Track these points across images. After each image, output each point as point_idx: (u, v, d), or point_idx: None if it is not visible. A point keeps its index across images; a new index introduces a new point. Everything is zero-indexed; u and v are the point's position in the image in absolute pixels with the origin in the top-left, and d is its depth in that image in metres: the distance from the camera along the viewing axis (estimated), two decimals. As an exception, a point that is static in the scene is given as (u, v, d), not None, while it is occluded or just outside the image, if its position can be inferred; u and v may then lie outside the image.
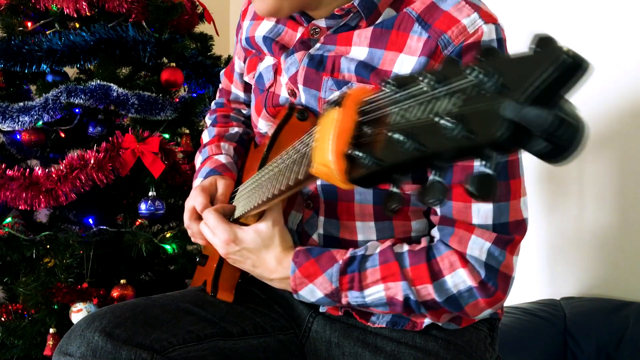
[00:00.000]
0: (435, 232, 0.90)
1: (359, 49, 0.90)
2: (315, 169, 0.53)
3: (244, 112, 1.29)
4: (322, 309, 1.01)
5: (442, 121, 0.37)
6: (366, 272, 0.88)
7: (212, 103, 1.34)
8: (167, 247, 1.75)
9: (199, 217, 0.99)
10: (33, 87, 1.87)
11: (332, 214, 0.96)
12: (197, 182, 1.08)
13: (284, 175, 0.73)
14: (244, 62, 1.16)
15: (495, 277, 0.85)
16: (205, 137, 1.23)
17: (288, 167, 0.73)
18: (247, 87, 1.24)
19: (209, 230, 0.93)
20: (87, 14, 1.75)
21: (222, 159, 1.13)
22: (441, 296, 0.85)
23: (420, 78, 0.42)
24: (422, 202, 0.42)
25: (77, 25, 1.82)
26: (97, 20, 1.79)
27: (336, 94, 0.91)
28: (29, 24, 1.82)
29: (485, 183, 0.37)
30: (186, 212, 1.02)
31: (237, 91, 1.26)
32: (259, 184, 0.88)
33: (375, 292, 0.88)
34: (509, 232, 0.86)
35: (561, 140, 0.34)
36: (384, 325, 0.97)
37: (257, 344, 0.97)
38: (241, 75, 1.21)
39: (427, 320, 0.95)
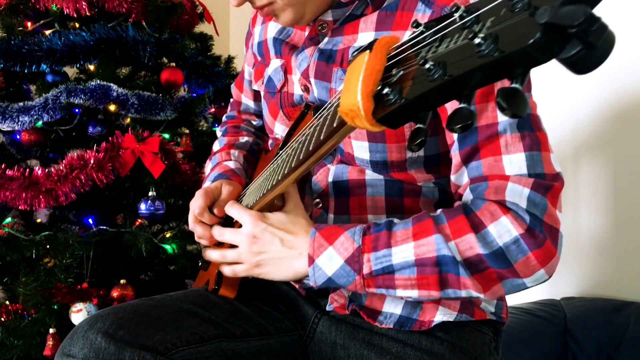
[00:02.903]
0: (467, 195, 0.84)
1: (366, 35, 0.92)
2: (342, 108, 0.53)
3: (254, 123, 1.32)
4: (328, 307, 1.01)
5: (475, 39, 0.39)
6: (396, 232, 0.82)
7: (224, 116, 1.36)
8: (167, 247, 1.75)
9: (201, 221, 1.01)
10: (33, 87, 1.87)
11: (342, 211, 0.96)
12: (205, 185, 1.09)
13: (300, 147, 0.73)
14: (253, 68, 1.17)
15: (541, 225, 0.76)
16: (216, 146, 1.26)
17: (302, 142, 0.73)
18: (256, 96, 1.26)
19: (227, 231, 0.94)
20: (87, 13, 1.75)
21: (231, 164, 1.15)
22: (485, 248, 0.76)
23: (453, 9, 0.43)
24: (450, 129, 0.42)
25: (77, 25, 1.83)
26: (97, 20, 1.79)
27: None
28: (29, 24, 1.82)
29: (515, 96, 0.38)
30: (190, 214, 1.03)
31: (247, 100, 1.28)
32: (269, 172, 0.88)
33: (403, 251, 0.80)
34: (546, 179, 0.79)
35: (593, 38, 0.35)
36: (391, 326, 0.96)
37: (260, 346, 0.97)
38: (251, 82, 1.23)
39: (436, 319, 0.95)
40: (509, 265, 0.76)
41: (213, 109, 2.10)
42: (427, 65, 0.42)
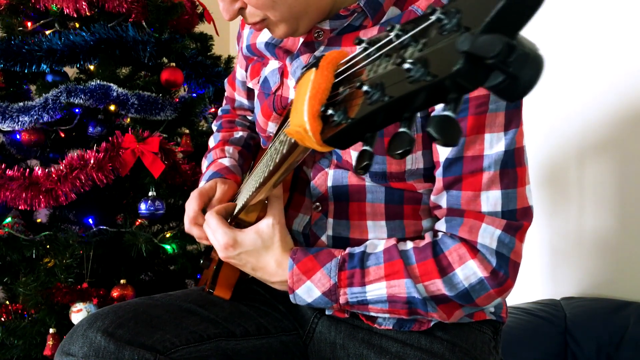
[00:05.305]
0: (440, 225, 0.89)
1: None
2: (290, 129, 0.51)
3: (249, 117, 1.31)
4: (327, 312, 1.01)
5: (405, 65, 0.37)
6: (369, 269, 0.87)
7: (219, 110, 1.36)
8: (167, 247, 1.75)
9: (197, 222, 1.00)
10: (33, 87, 1.87)
11: (342, 215, 0.95)
12: (200, 185, 1.08)
13: (272, 157, 0.73)
14: (246, 70, 1.16)
15: (507, 264, 0.84)
16: (211, 142, 1.25)
17: (276, 149, 0.72)
18: (250, 94, 1.25)
19: (211, 232, 0.93)
20: (87, 13, 1.75)
21: (226, 162, 1.14)
22: (452, 290, 0.84)
23: (388, 29, 0.42)
24: (390, 155, 0.41)
25: (77, 25, 1.83)
26: (97, 20, 1.79)
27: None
28: (29, 24, 1.82)
29: (446, 125, 0.37)
30: (185, 217, 1.03)
31: (241, 98, 1.28)
32: (255, 174, 0.87)
33: (376, 289, 0.86)
34: (516, 219, 0.85)
35: (514, 68, 0.34)
36: (390, 327, 0.96)
37: (259, 345, 0.97)
38: (243, 83, 1.22)
39: (434, 320, 0.95)
40: (471, 300, 0.85)
41: (213, 109, 2.10)
42: (364, 88, 0.41)
